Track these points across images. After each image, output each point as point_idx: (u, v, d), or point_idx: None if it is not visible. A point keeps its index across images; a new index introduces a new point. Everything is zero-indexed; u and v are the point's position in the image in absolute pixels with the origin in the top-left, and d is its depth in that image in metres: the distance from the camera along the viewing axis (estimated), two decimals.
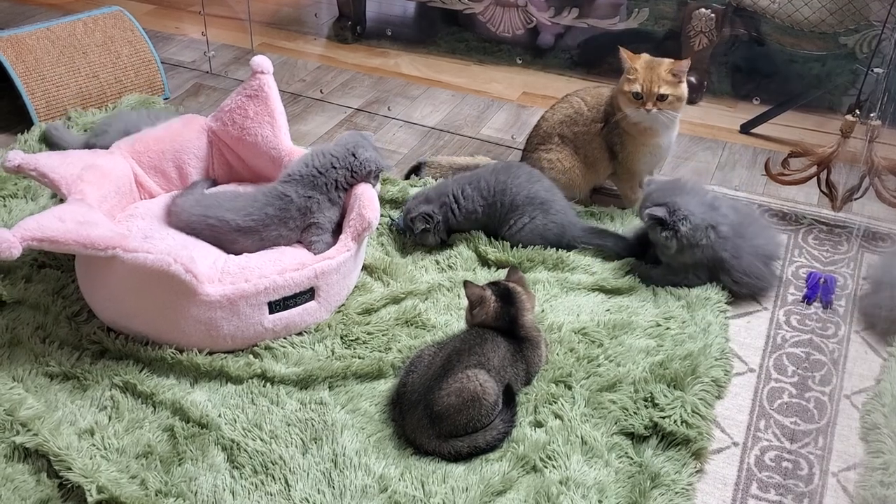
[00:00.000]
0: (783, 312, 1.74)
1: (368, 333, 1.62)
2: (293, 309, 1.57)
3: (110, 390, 1.48)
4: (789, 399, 1.53)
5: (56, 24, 2.43)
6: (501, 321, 1.47)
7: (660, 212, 1.68)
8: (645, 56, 1.92)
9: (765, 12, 2.43)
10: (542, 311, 1.68)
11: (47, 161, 1.67)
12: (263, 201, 1.69)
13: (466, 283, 1.48)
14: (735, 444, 1.44)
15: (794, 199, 2.12)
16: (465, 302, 1.52)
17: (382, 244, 1.88)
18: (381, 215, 1.79)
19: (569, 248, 1.85)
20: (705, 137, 2.44)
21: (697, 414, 1.43)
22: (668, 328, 1.63)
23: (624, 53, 1.92)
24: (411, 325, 1.64)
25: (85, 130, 2.25)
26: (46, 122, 2.28)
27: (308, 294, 1.58)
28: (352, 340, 1.61)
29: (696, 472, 1.37)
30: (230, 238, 1.67)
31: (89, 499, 1.26)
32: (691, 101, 2.60)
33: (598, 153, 1.99)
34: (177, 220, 1.73)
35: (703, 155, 2.35)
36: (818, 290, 1.78)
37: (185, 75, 2.75)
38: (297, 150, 1.88)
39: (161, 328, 1.55)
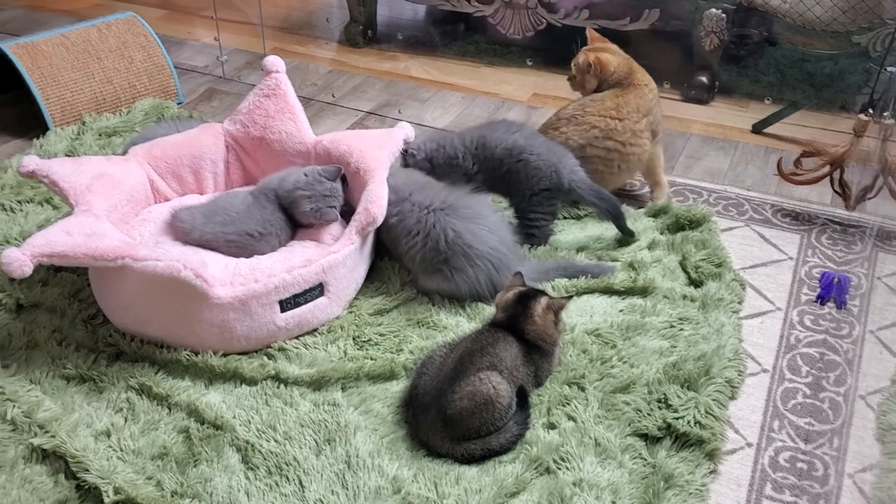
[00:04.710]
0: (797, 312, 1.73)
1: (380, 334, 1.62)
2: (304, 306, 1.58)
3: (126, 392, 1.49)
4: (803, 399, 1.53)
5: (71, 30, 2.46)
6: (505, 313, 1.47)
7: None
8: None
9: (776, 11, 2.42)
10: None
11: (60, 168, 1.68)
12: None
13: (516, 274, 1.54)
14: (749, 444, 1.44)
15: (807, 199, 2.11)
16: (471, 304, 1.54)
17: None
18: None
19: (571, 194, 1.84)
20: (717, 137, 2.43)
21: (711, 415, 1.42)
22: (681, 329, 1.63)
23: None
24: (423, 325, 1.65)
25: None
26: (61, 126, 2.31)
27: (317, 290, 1.59)
28: (364, 341, 1.61)
29: (710, 472, 1.37)
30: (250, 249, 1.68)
31: (106, 500, 1.28)
32: (702, 102, 2.60)
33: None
34: (186, 237, 1.71)
35: (716, 155, 2.34)
36: (832, 290, 1.77)
37: (198, 80, 2.77)
38: (319, 140, 1.90)
39: (175, 332, 1.56)
